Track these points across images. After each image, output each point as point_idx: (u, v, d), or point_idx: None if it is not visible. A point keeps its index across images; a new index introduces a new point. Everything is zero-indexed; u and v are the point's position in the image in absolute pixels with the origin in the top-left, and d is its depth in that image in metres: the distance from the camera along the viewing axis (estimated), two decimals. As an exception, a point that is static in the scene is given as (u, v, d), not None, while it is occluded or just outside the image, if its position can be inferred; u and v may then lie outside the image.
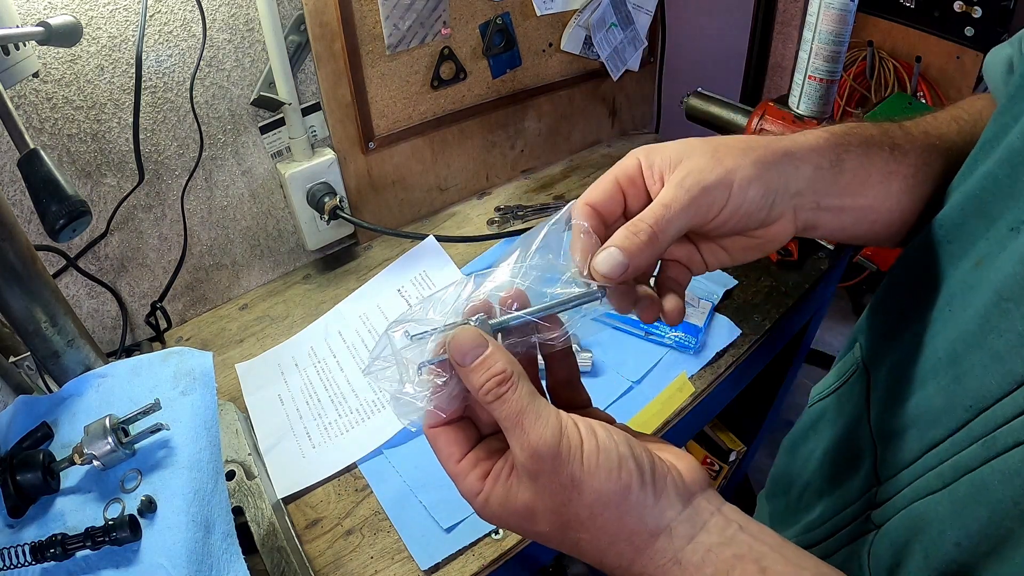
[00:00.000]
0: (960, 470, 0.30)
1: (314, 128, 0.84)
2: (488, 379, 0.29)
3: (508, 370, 0.29)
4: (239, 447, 0.63)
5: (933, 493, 0.31)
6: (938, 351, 0.33)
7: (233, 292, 0.88)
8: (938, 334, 0.34)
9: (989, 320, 0.30)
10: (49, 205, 0.44)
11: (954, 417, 0.31)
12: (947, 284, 0.34)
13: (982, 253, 0.32)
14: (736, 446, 1.22)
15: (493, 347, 0.29)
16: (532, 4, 0.92)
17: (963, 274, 0.33)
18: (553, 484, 0.28)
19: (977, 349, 0.30)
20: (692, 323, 0.74)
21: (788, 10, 1.47)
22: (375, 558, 0.57)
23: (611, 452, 0.28)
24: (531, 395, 0.28)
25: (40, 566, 0.40)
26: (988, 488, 0.28)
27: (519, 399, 0.28)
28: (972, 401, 0.30)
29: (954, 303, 0.33)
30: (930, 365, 0.34)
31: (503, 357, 0.29)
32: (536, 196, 1.03)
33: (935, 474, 0.32)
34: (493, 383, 0.28)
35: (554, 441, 0.27)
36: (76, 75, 0.64)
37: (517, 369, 0.29)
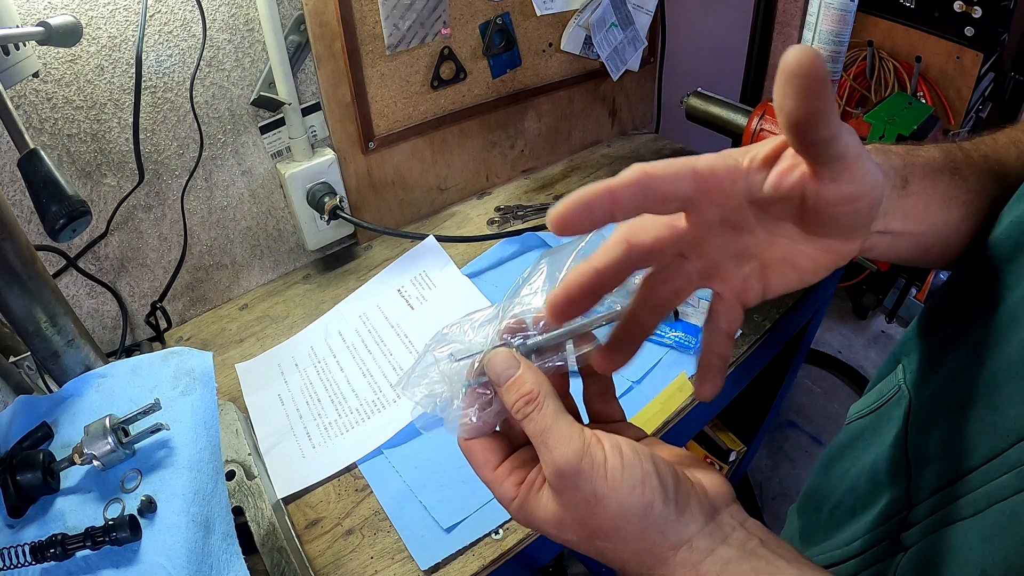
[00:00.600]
0: (992, 499, 0.30)
1: (314, 128, 0.84)
2: (518, 398, 0.31)
3: (535, 390, 0.30)
4: (239, 447, 0.63)
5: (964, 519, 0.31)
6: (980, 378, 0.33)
7: (233, 292, 0.88)
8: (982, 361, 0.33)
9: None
10: (49, 205, 0.44)
11: (990, 446, 0.31)
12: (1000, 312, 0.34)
13: None
14: (736, 446, 1.22)
15: (524, 367, 0.31)
16: (532, 4, 0.92)
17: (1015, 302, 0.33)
18: (577, 499, 0.29)
19: (1016, 379, 0.30)
20: (692, 323, 0.74)
21: (788, 10, 1.47)
22: (375, 558, 0.57)
23: (635, 469, 0.29)
24: (556, 414, 0.30)
25: (40, 566, 0.40)
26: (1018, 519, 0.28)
27: (544, 418, 0.30)
28: (1008, 431, 0.30)
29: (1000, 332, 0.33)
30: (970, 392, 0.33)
31: (532, 377, 0.31)
32: (536, 196, 1.03)
33: (967, 500, 0.31)
34: (522, 402, 0.30)
35: (575, 460, 0.29)
36: (76, 75, 0.64)
37: (545, 389, 0.31)
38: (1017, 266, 0.33)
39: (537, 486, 0.32)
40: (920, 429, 0.38)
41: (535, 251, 0.89)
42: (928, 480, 0.35)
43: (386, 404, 0.69)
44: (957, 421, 0.34)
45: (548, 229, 0.29)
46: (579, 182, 1.06)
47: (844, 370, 1.83)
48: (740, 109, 0.89)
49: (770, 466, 1.62)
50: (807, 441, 1.68)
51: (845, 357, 1.87)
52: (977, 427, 0.32)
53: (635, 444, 0.30)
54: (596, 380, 0.36)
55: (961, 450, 0.33)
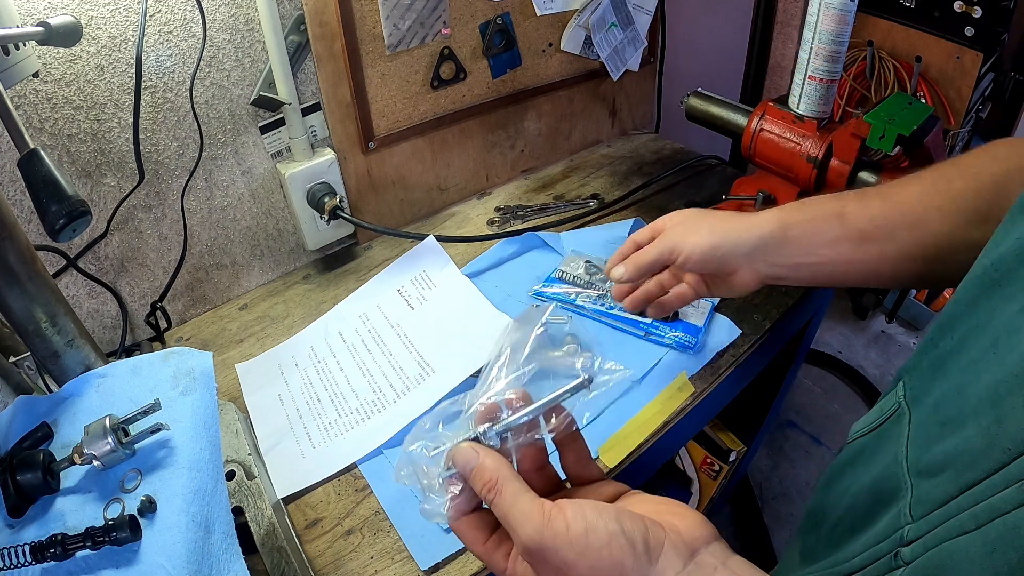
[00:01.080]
0: (994, 512, 0.30)
1: (314, 128, 0.84)
2: (481, 486, 0.34)
3: (493, 477, 0.33)
4: (239, 447, 0.63)
5: (966, 533, 0.31)
6: (980, 391, 0.34)
7: (233, 292, 0.88)
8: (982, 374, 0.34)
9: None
10: (49, 205, 0.44)
11: (992, 459, 0.31)
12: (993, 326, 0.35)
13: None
14: (736, 446, 1.22)
15: (482, 456, 0.34)
16: (532, 4, 0.92)
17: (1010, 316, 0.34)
18: (549, 569, 0.31)
19: (1019, 391, 0.30)
20: (692, 323, 0.74)
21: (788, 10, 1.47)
22: (375, 558, 0.57)
23: (599, 531, 0.30)
24: (515, 495, 0.32)
25: (40, 566, 0.40)
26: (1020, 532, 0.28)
27: (504, 500, 0.32)
28: (1011, 444, 0.30)
29: (999, 345, 0.34)
30: (971, 406, 0.34)
31: (491, 464, 0.34)
32: (536, 196, 1.03)
33: (969, 515, 0.32)
34: (485, 489, 0.33)
35: (537, 535, 0.31)
36: (76, 75, 0.64)
37: (503, 473, 0.33)
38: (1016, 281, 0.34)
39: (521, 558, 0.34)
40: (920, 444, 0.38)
41: (535, 251, 0.89)
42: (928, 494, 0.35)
43: (386, 404, 0.69)
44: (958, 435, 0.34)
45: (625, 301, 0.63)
46: (579, 182, 1.06)
47: (844, 370, 1.83)
48: (740, 109, 0.89)
49: (770, 466, 1.62)
50: (807, 441, 1.68)
51: (845, 357, 1.87)
52: (979, 441, 0.32)
53: (599, 505, 0.32)
54: (570, 449, 0.39)
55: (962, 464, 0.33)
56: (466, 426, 0.37)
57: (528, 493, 0.33)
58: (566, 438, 0.38)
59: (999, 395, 0.32)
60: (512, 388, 0.37)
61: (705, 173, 1.06)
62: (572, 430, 0.37)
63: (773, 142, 0.82)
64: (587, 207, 0.97)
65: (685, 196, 1.00)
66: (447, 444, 0.36)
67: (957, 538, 0.32)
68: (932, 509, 0.34)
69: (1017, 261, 0.35)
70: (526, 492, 0.33)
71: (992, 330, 0.35)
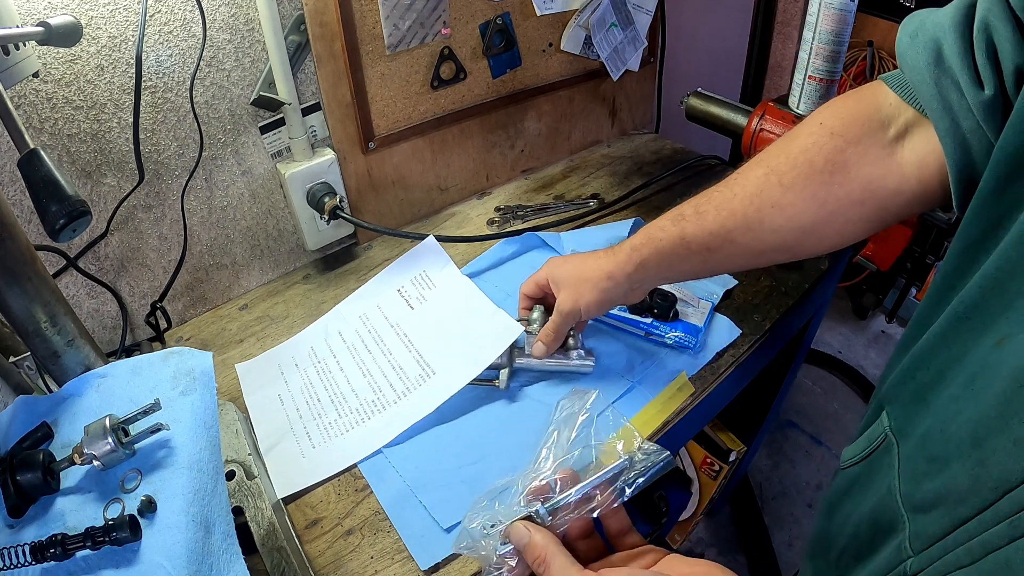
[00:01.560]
0: (987, 548, 0.31)
1: (314, 128, 0.84)
2: (532, 560, 0.38)
3: (542, 553, 0.37)
4: (239, 447, 0.63)
5: (962, 568, 0.33)
6: (962, 431, 0.35)
7: (233, 292, 0.88)
8: (961, 412, 0.35)
9: (1010, 405, 0.31)
10: (49, 205, 0.44)
11: (981, 497, 0.32)
12: (968, 361, 0.36)
13: (1003, 333, 0.33)
14: (736, 446, 1.22)
15: (533, 533, 0.38)
16: (532, 4, 0.92)
17: (984, 352, 0.34)
18: None
19: (999, 434, 0.31)
20: (692, 323, 0.74)
21: (788, 10, 1.47)
22: (375, 558, 0.57)
23: None
24: (563, 568, 0.36)
25: (40, 566, 0.40)
26: (1012, 567, 0.29)
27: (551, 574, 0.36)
28: (996, 483, 0.31)
29: (976, 383, 0.35)
30: (955, 445, 0.35)
31: (540, 541, 0.38)
32: (536, 196, 1.03)
33: (964, 550, 0.33)
34: (535, 564, 0.37)
35: None
36: (76, 75, 0.64)
37: (551, 549, 0.37)
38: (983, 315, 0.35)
39: None
40: (910, 479, 0.40)
41: (535, 251, 0.89)
42: (925, 529, 0.36)
43: (387, 405, 0.69)
44: (946, 473, 0.35)
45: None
46: (579, 182, 1.06)
47: (844, 370, 1.83)
48: (740, 109, 0.89)
49: (770, 466, 1.62)
50: (807, 441, 1.68)
51: (845, 357, 1.87)
52: (966, 481, 0.33)
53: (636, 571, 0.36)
54: (612, 522, 0.43)
55: (953, 502, 0.34)
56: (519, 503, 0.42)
57: (575, 566, 0.36)
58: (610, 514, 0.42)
59: (979, 436, 0.33)
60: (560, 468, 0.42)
61: (705, 173, 1.06)
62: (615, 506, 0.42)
63: (773, 142, 0.82)
64: (587, 207, 0.97)
65: (685, 196, 0.99)
66: (503, 521, 0.41)
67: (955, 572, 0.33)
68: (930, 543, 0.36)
69: (980, 296, 0.36)
70: (573, 564, 0.36)
71: (968, 365, 0.36)
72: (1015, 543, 0.29)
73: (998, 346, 0.33)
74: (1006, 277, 0.34)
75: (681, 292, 0.77)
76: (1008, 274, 0.33)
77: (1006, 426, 0.31)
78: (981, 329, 0.35)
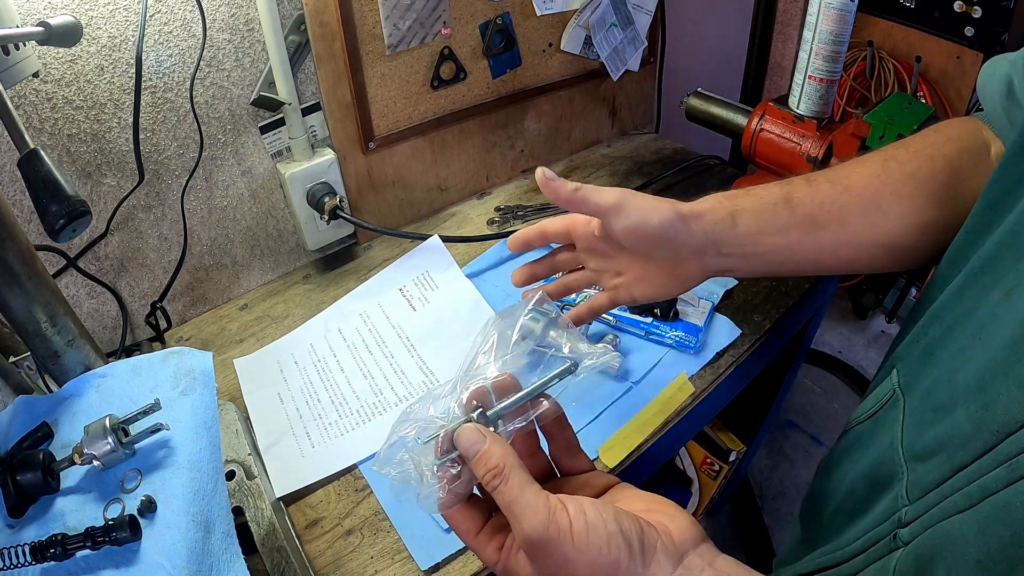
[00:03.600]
0: (985, 491, 0.31)
1: (314, 128, 0.84)
2: (486, 472, 0.33)
3: (501, 464, 0.33)
4: (239, 447, 0.63)
5: (959, 512, 0.33)
6: (968, 378, 0.35)
7: (233, 292, 0.88)
8: (968, 361, 0.35)
9: (1016, 350, 0.31)
10: (49, 205, 0.44)
11: (981, 441, 0.32)
12: (978, 314, 0.36)
13: (1012, 284, 0.34)
14: (736, 446, 1.22)
15: (490, 441, 0.34)
16: (532, 4, 0.92)
17: (993, 304, 0.35)
18: (549, 563, 0.32)
19: (1004, 377, 0.32)
20: (692, 323, 0.74)
21: (788, 10, 1.47)
22: (375, 558, 0.57)
23: (599, 530, 0.31)
24: (522, 485, 0.32)
25: (40, 566, 0.40)
26: (1010, 509, 0.29)
27: (511, 490, 0.32)
28: (999, 426, 0.31)
29: (984, 332, 0.35)
30: (960, 391, 0.35)
31: (498, 451, 0.33)
32: (536, 196, 1.03)
33: (962, 495, 0.33)
34: (490, 476, 0.33)
35: (543, 528, 0.31)
36: (76, 75, 0.64)
37: (511, 461, 0.33)
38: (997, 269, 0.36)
39: (515, 550, 0.34)
40: (914, 429, 0.40)
41: (535, 251, 0.89)
42: (923, 477, 0.37)
43: (387, 407, 0.69)
44: (949, 420, 0.36)
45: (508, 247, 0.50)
46: (579, 182, 1.06)
47: (844, 370, 1.83)
48: (740, 109, 0.89)
49: (770, 466, 1.62)
50: (807, 441, 1.68)
51: (845, 357, 1.87)
52: (968, 425, 0.34)
53: (598, 504, 0.32)
54: (559, 439, 0.39)
55: (954, 447, 0.34)
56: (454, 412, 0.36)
57: (534, 485, 0.33)
58: (554, 428, 0.39)
59: (985, 381, 0.33)
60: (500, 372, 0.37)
61: (705, 173, 1.06)
62: (559, 414, 0.38)
63: (773, 142, 0.82)
64: (587, 207, 0.97)
65: (685, 196, 0.99)
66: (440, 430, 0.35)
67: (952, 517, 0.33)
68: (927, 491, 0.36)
69: (996, 250, 0.36)
70: (532, 484, 0.32)
71: (977, 318, 0.36)
72: (1013, 486, 0.30)
73: (1007, 297, 0.34)
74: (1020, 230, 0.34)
75: (681, 292, 0.77)
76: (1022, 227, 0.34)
77: (1012, 369, 0.31)
78: (992, 284, 0.36)
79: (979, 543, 0.31)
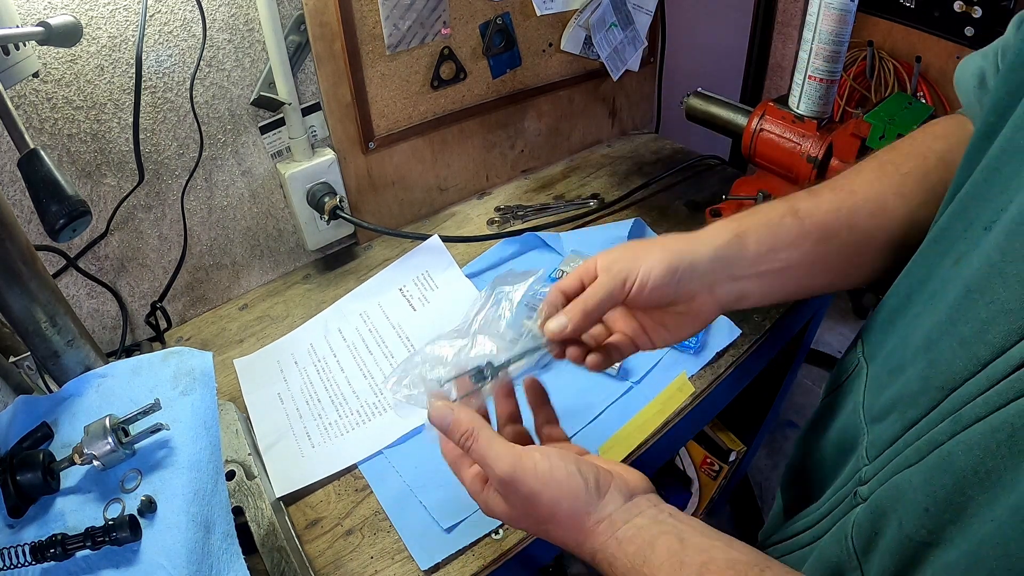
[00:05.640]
0: (933, 444, 0.33)
1: (314, 128, 0.84)
2: (459, 438, 0.40)
3: (469, 427, 0.40)
4: (239, 447, 0.63)
5: (910, 466, 0.35)
6: (917, 342, 0.37)
7: (233, 292, 0.88)
8: (919, 326, 0.38)
9: (958, 310, 0.34)
10: (49, 205, 0.44)
11: (929, 398, 0.34)
12: (933, 281, 0.39)
13: (960, 251, 0.36)
14: (736, 446, 1.22)
15: (457, 412, 0.41)
16: (532, 4, 0.92)
17: (944, 271, 0.37)
18: (518, 498, 0.39)
19: (947, 336, 0.34)
20: (692, 323, 0.74)
21: (788, 10, 1.47)
22: (375, 558, 0.57)
23: (560, 468, 0.38)
24: (490, 440, 0.39)
25: (40, 566, 0.40)
26: (953, 459, 0.32)
27: (480, 446, 0.39)
28: (943, 382, 0.33)
29: (935, 298, 0.37)
30: (911, 353, 0.38)
31: (465, 418, 0.40)
32: (536, 196, 1.03)
33: (913, 449, 0.35)
34: (463, 439, 0.40)
35: (511, 470, 0.38)
36: (76, 75, 0.64)
37: (477, 423, 0.40)
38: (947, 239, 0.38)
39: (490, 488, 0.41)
40: (873, 391, 0.42)
41: (535, 251, 0.89)
42: (880, 436, 0.39)
43: (388, 407, 0.69)
44: (900, 380, 0.38)
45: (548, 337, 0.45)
46: (579, 182, 1.06)
47: (844, 370, 1.83)
48: (740, 109, 0.89)
49: (770, 466, 1.62)
50: (807, 441, 1.68)
51: (845, 357, 1.87)
52: (917, 383, 0.36)
53: (561, 450, 0.39)
54: (541, 412, 0.47)
55: (905, 405, 0.37)
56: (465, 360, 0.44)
57: (500, 438, 0.40)
58: (537, 403, 0.47)
59: (931, 341, 0.36)
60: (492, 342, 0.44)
61: (705, 173, 1.06)
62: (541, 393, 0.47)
63: (773, 142, 0.82)
64: (587, 207, 0.97)
65: (685, 196, 1.00)
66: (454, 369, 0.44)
67: (903, 471, 0.36)
68: (883, 449, 0.38)
69: (948, 221, 0.39)
70: (498, 438, 0.40)
71: (931, 286, 0.39)
72: (956, 437, 0.32)
73: (955, 264, 0.36)
74: (969, 200, 0.37)
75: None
76: (972, 197, 0.36)
77: (954, 328, 0.33)
78: (944, 251, 0.38)
79: (926, 492, 0.33)
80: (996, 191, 0.34)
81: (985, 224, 0.34)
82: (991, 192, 0.34)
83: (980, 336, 0.31)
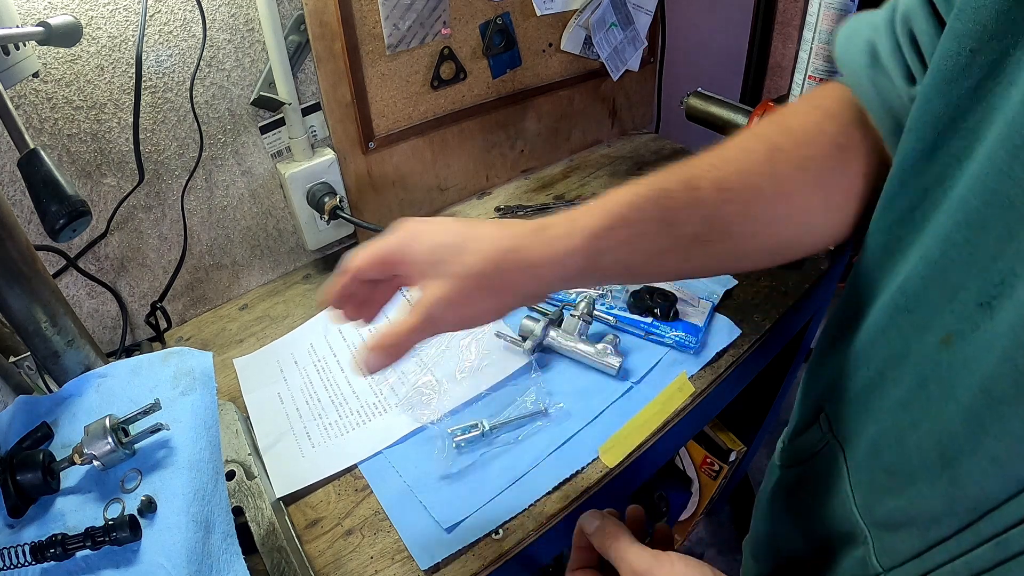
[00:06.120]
0: (972, 569, 0.30)
1: (314, 128, 0.84)
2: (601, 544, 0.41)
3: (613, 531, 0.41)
4: (239, 447, 0.63)
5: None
6: (925, 446, 0.33)
7: (233, 292, 0.88)
8: (920, 423, 0.33)
9: (982, 423, 0.29)
10: (49, 205, 0.44)
11: (957, 518, 0.31)
12: (914, 359, 0.34)
13: (949, 328, 0.31)
14: (736, 446, 1.22)
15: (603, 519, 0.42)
16: (532, 4, 0.92)
17: (930, 350, 0.32)
18: None
19: (971, 454, 0.30)
20: (692, 323, 0.74)
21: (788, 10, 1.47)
22: (375, 558, 0.57)
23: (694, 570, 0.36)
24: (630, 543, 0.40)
25: (40, 566, 0.40)
26: None
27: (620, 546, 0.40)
28: (975, 504, 0.30)
29: (930, 387, 0.33)
30: (918, 461, 0.33)
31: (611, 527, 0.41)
32: (536, 196, 1.03)
33: (947, 570, 0.32)
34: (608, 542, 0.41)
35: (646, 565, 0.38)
36: (76, 75, 0.64)
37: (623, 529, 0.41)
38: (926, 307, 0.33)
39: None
40: (868, 491, 0.39)
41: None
42: (894, 547, 0.36)
43: (388, 408, 0.69)
44: (911, 492, 0.34)
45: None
46: (579, 182, 1.06)
47: (844, 370, 1.82)
48: (740, 109, 0.89)
49: (770, 466, 1.62)
50: (807, 441, 1.67)
51: (845, 357, 1.86)
52: (938, 502, 0.32)
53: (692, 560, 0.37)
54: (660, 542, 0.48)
55: (924, 522, 0.33)
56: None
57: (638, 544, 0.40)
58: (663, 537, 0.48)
59: (949, 455, 0.31)
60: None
61: (705, 173, 1.06)
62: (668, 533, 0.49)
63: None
64: (587, 207, 0.97)
65: (685, 196, 0.99)
66: None
67: None
68: (903, 561, 0.35)
69: (922, 285, 0.33)
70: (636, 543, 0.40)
71: (914, 365, 0.34)
72: (1005, 566, 0.29)
73: (946, 345, 0.31)
74: (948, 263, 0.31)
75: (681, 292, 0.77)
76: (952, 260, 0.31)
77: (980, 445, 0.29)
78: (924, 324, 0.33)
79: None
80: (985, 257, 0.29)
81: (979, 300, 0.29)
82: (978, 257, 0.29)
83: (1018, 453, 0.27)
